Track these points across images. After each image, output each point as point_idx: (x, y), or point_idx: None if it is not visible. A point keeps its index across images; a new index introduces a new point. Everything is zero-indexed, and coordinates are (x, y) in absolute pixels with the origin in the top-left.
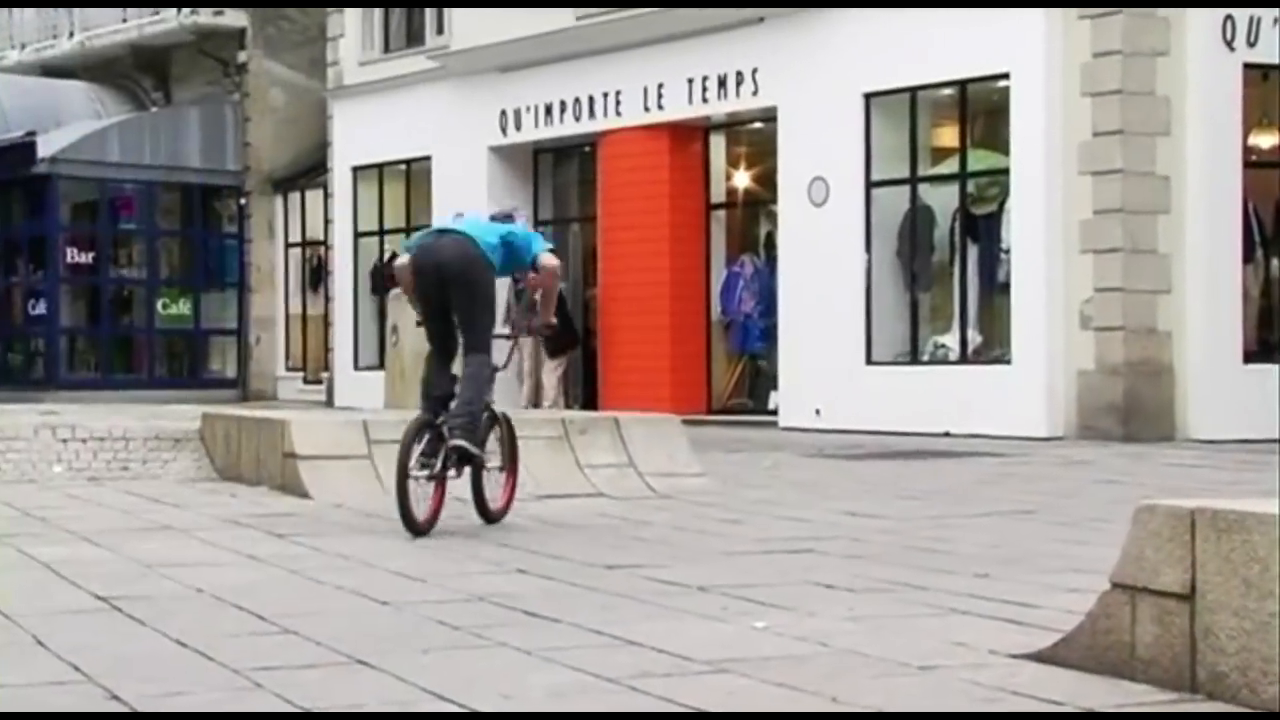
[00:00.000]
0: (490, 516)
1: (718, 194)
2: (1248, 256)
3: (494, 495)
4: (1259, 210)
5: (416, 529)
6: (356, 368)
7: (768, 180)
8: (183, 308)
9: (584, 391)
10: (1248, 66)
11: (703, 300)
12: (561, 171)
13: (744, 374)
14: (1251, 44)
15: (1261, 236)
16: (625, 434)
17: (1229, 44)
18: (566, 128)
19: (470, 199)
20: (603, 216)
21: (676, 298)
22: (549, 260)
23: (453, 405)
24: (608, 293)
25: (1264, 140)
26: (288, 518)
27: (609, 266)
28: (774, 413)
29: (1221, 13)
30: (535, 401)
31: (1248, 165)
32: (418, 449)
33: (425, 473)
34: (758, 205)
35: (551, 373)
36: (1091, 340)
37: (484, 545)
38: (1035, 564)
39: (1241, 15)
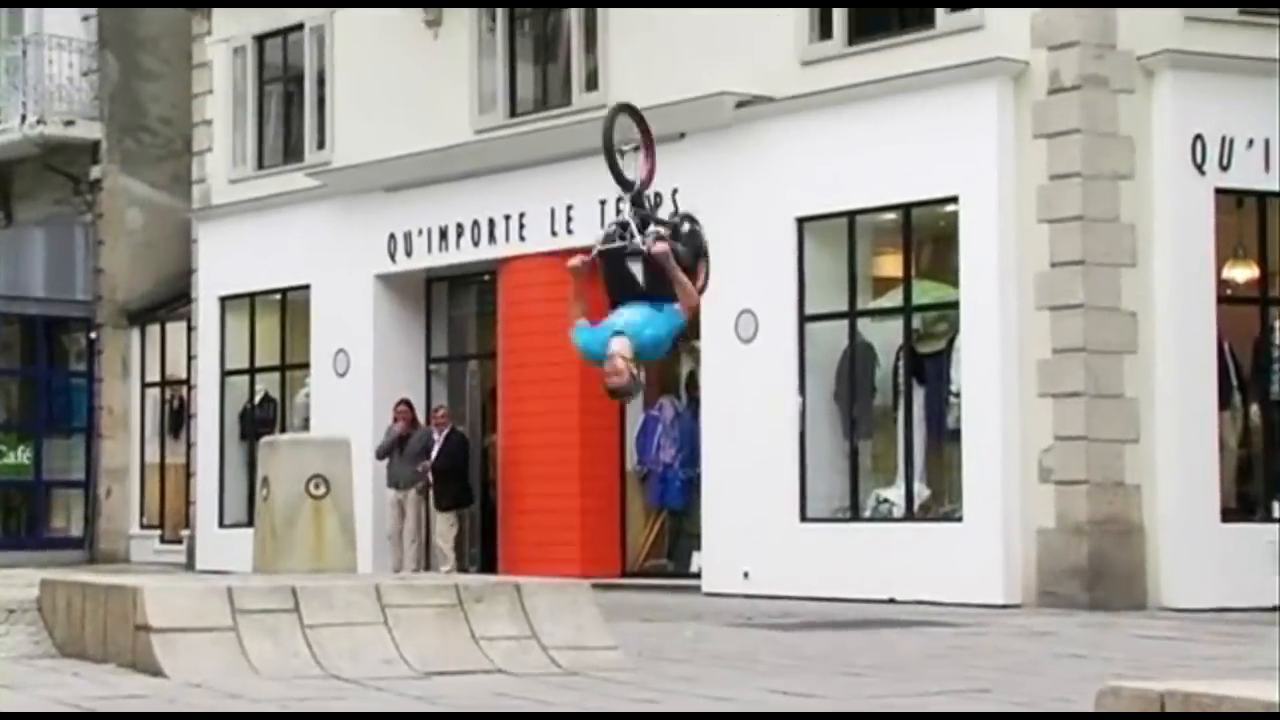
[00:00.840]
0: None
1: None
2: (1224, 402)
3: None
4: (1235, 350)
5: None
6: (221, 525)
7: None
8: (22, 457)
9: (482, 552)
10: (1220, 192)
11: (616, 448)
12: (457, 303)
13: (663, 531)
14: (1224, 168)
15: (1238, 380)
16: (527, 602)
17: (1199, 168)
18: (463, 254)
19: (354, 333)
20: (503, 354)
21: (587, 445)
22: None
23: None
24: (509, 439)
25: (1239, 273)
26: (137, 700)
27: (510, 410)
28: (697, 576)
29: (1190, 133)
30: (424, 564)
31: (1222, 300)
32: None
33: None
34: (678, 341)
35: (446, 531)
36: (1052, 495)
37: None
38: None
39: (1213, 136)
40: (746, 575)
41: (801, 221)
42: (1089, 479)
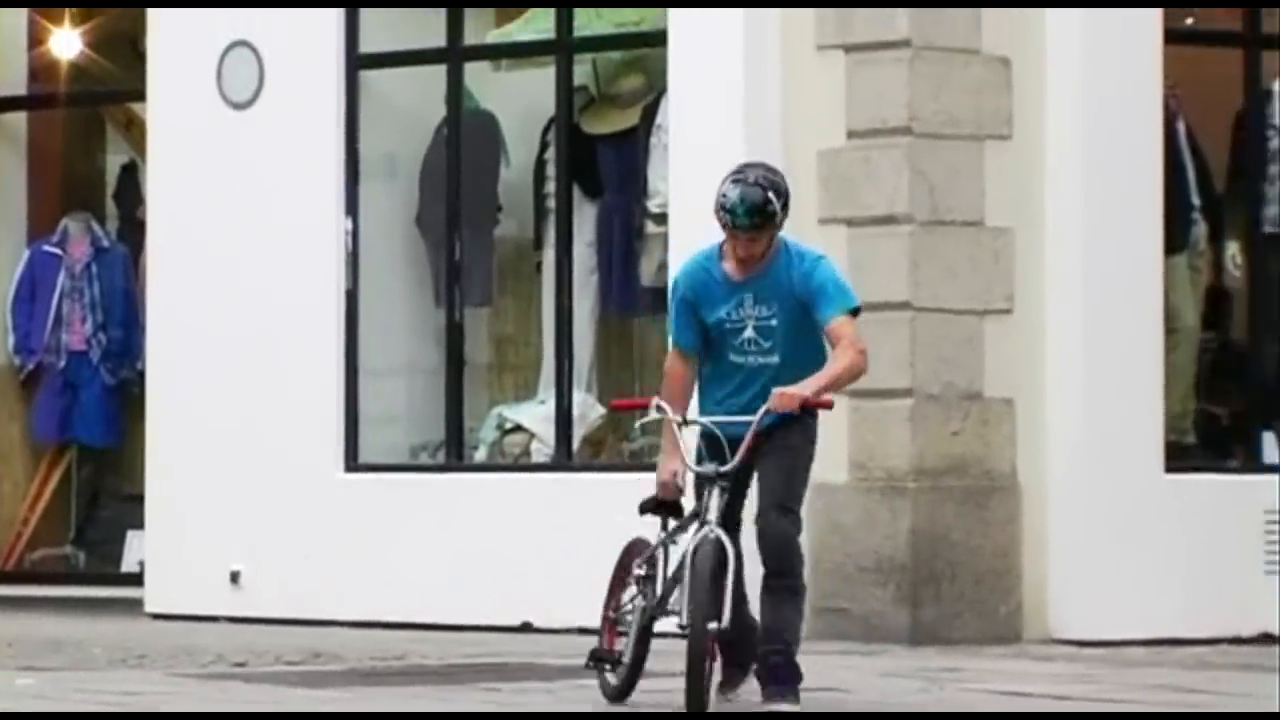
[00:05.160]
0: None
1: (8, 77)
2: (1175, 239)
3: None
4: (1196, 135)
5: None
6: None
7: (124, 47)
8: None
9: None
10: None
11: None
12: None
13: (67, 490)
14: None
15: (1204, 194)
16: None
17: None
18: None
19: None
20: None
21: None
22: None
23: None
24: None
25: None
26: None
27: None
28: (136, 578)
29: None
30: None
31: (1174, 38)
32: None
33: None
34: (101, 103)
35: None
36: (843, 420)
37: None
38: None
39: None
40: (236, 579)
41: None
42: (915, 387)
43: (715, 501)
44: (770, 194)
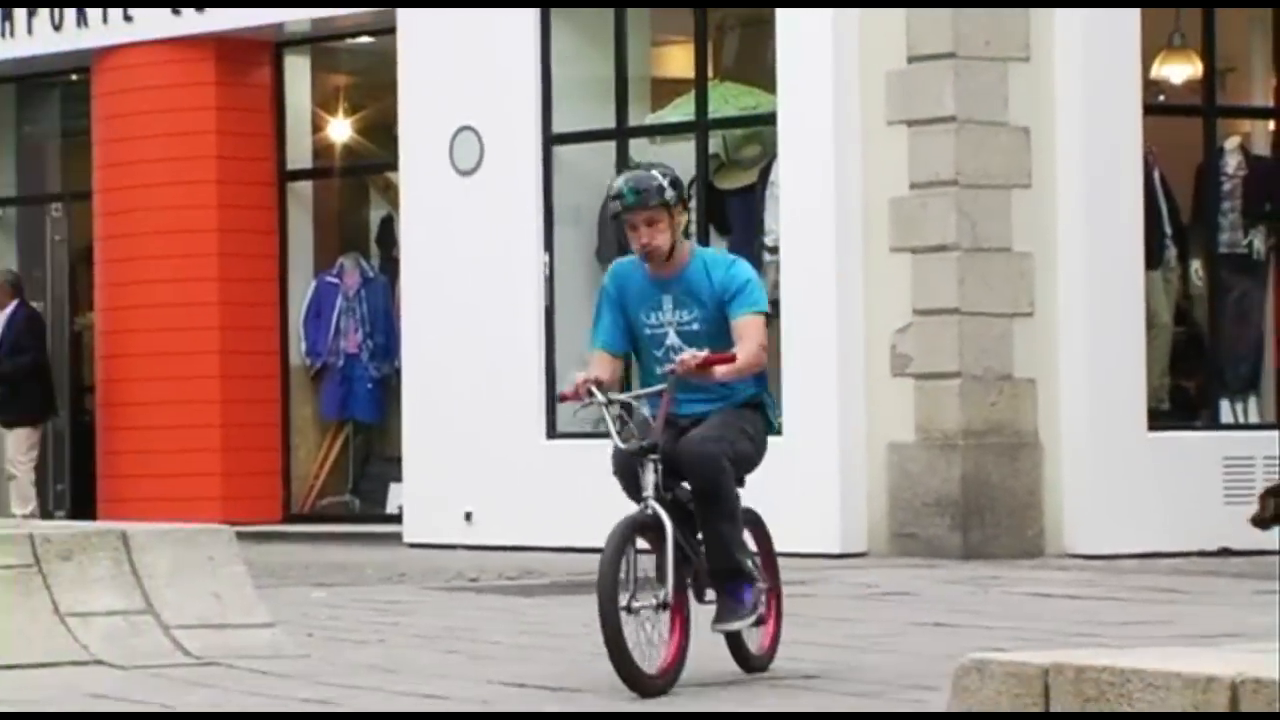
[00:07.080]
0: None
1: (298, 155)
2: (1153, 258)
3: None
4: (1168, 181)
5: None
6: None
7: (382, 132)
8: None
9: (73, 489)
10: None
11: (275, 332)
12: (32, 115)
13: (345, 455)
14: None
15: (1174, 225)
16: (139, 560)
17: None
18: (38, 42)
19: None
20: (102, 193)
21: (231, 328)
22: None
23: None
24: (111, 320)
25: (1175, 70)
26: None
27: (113, 277)
28: (396, 518)
29: None
30: None
31: (1150, 110)
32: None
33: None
34: (366, 173)
35: (21, 457)
36: (910, 394)
37: None
38: None
39: None
40: (469, 518)
41: None
42: (963, 370)
43: (650, 478)
44: (655, 172)
